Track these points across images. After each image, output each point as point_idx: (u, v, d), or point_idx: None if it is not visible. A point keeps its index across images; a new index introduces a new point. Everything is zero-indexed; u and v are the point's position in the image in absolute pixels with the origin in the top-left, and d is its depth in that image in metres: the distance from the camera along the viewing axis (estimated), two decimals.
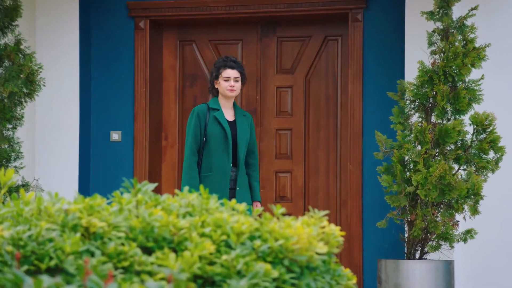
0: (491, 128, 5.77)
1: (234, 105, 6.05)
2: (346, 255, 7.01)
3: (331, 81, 7.33)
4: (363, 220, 7.07)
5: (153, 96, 7.52)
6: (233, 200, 2.90)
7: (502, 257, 6.53)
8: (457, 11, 5.92)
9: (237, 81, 5.98)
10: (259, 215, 6.04)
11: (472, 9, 5.80)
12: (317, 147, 7.32)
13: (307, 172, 7.33)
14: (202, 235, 2.60)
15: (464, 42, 5.78)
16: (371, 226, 6.94)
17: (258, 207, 5.87)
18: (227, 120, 5.96)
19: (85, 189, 7.39)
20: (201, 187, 2.84)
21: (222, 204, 2.75)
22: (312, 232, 2.63)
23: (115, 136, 7.48)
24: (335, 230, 2.76)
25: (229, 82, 5.96)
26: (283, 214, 2.81)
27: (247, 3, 7.31)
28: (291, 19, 7.38)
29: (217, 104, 5.97)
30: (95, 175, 7.47)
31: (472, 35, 5.79)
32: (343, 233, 2.87)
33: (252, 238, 2.62)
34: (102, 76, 7.52)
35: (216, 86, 6.02)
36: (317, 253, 2.67)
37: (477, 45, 5.82)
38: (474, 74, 5.85)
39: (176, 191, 2.85)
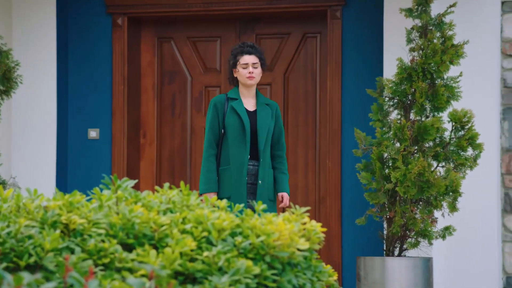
0: (469, 125, 5.78)
1: (257, 94, 5.70)
2: (325, 252, 7.02)
3: (310, 78, 7.33)
4: (342, 217, 7.07)
5: (131, 93, 7.49)
6: (214, 197, 2.89)
7: (480, 254, 6.56)
8: (435, 8, 5.93)
9: (256, 67, 5.63)
10: (283, 209, 5.67)
11: (451, 6, 5.81)
12: (296, 144, 7.32)
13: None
14: (183, 231, 2.58)
15: (443, 39, 5.79)
16: (350, 223, 6.94)
17: (284, 199, 5.58)
18: (247, 110, 5.62)
19: (62, 187, 7.34)
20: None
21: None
22: (293, 229, 2.63)
23: (93, 133, 7.44)
24: (316, 227, 2.75)
25: (248, 68, 5.61)
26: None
27: (226, 0, 7.29)
28: (269, 16, 7.37)
29: (236, 94, 5.65)
30: (73, 173, 7.42)
31: (450, 32, 5.80)
32: (324, 229, 2.86)
33: (233, 234, 2.61)
34: (79, 73, 7.47)
35: (235, 75, 5.68)
36: (299, 250, 2.66)
37: (455, 42, 5.83)
38: (453, 71, 5.86)
39: (157, 187, 2.83)
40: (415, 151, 5.78)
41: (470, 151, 5.80)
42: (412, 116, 5.84)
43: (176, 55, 7.57)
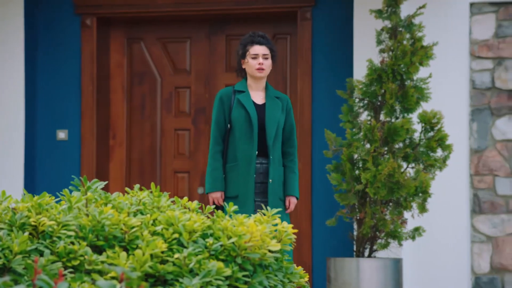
0: (438, 126, 5.81)
1: (267, 86, 5.33)
2: (296, 253, 7.02)
3: (280, 79, 7.33)
4: (312, 218, 7.07)
5: (101, 94, 7.44)
6: (185, 198, 2.87)
7: (450, 255, 6.60)
8: (405, 10, 5.96)
9: (267, 58, 5.25)
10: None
11: (420, 7, 5.83)
12: None
13: None
14: (154, 233, 2.56)
15: (412, 40, 5.82)
16: (321, 224, 6.95)
17: (291, 205, 5.26)
18: (255, 103, 5.25)
19: (30, 189, 7.27)
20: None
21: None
22: (265, 230, 2.62)
23: (62, 135, 7.38)
24: (287, 228, 2.74)
25: (257, 59, 5.22)
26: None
27: (196, 1, 7.27)
28: (240, 17, 7.36)
29: (243, 86, 5.27)
30: (41, 175, 7.36)
31: (420, 34, 5.83)
32: (296, 230, 2.85)
33: (204, 236, 2.59)
34: (48, 74, 7.41)
35: (243, 67, 5.30)
36: (270, 251, 2.65)
37: (425, 43, 5.86)
38: (422, 72, 5.89)
39: (127, 189, 2.80)
40: (385, 152, 5.80)
41: (439, 152, 5.83)
42: (382, 117, 5.85)
43: (146, 56, 7.53)
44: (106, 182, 2.81)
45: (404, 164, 5.83)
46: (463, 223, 6.63)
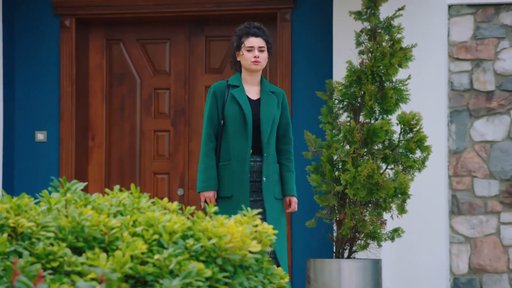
0: (417, 127, 5.83)
1: (262, 81, 5.10)
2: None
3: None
4: (292, 220, 7.08)
5: (80, 95, 7.41)
6: (165, 199, 2.86)
7: (429, 256, 6.62)
8: (384, 12, 5.97)
9: (262, 51, 5.04)
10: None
11: (399, 9, 5.86)
12: None
13: None
14: (134, 234, 2.56)
15: (391, 42, 5.84)
16: (300, 225, 6.96)
17: (292, 204, 5.10)
18: (249, 99, 5.03)
19: (9, 190, 7.23)
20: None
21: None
22: (245, 231, 2.61)
23: (40, 136, 7.35)
24: (268, 229, 2.74)
25: (253, 52, 5.00)
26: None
27: (175, 2, 7.26)
28: (219, 19, 7.35)
29: (237, 80, 5.04)
30: (20, 177, 7.32)
31: (399, 35, 5.85)
32: (276, 231, 2.85)
33: (184, 237, 2.59)
34: (26, 75, 7.37)
35: (238, 59, 5.07)
36: (250, 252, 2.65)
37: (404, 45, 5.88)
38: (401, 74, 5.91)
39: (107, 190, 2.80)
40: (365, 154, 5.81)
41: (418, 154, 5.85)
42: (361, 118, 5.87)
43: (125, 57, 7.51)
44: (86, 183, 2.81)
45: (383, 166, 5.85)
46: (441, 224, 6.66)
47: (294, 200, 5.13)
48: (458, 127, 6.76)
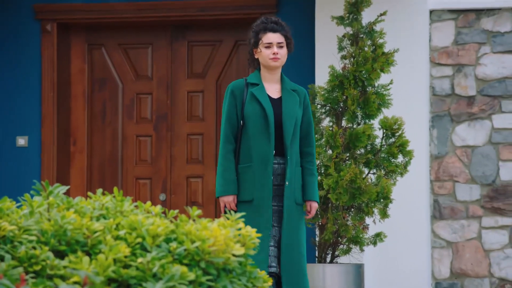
0: (399, 132, 5.85)
1: (282, 78, 4.83)
2: None
3: None
4: None
5: (61, 100, 7.38)
6: (148, 203, 2.85)
7: (411, 260, 6.64)
8: (366, 17, 5.99)
9: (281, 47, 4.76)
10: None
11: (381, 14, 5.88)
12: None
13: None
14: (117, 237, 2.55)
15: (374, 47, 5.86)
16: None
17: (312, 209, 4.79)
18: (270, 97, 4.75)
19: None
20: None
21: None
22: (228, 234, 2.61)
23: (22, 141, 7.31)
24: (251, 232, 2.74)
25: (271, 49, 4.74)
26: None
27: (157, 7, 7.26)
28: (201, 24, 7.35)
29: (257, 78, 4.76)
30: (1, 182, 7.27)
31: (381, 41, 5.87)
32: (259, 234, 2.85)
33: (168, 240, 2.58)
34: (7, 80, 7.33)
35: (256, 56, 4.79)
36: (234, 255, 2.65)
37: (386, 50, 5.90)
38: (384, 79, 5.93)
39: (90, 194, 2.78)
40: (347, 158, 5.82)
41: (400, 158, 5.86)
42: (344, 123, 5.88)
43: (107, 62, 7.49)
44: (68, 186, 2.79)
45: (366, 170, 5.86)
46: (423, 228, 6.67)
47: (315, 205, 4.80)
48: (440, 132, 6.79)
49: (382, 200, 5.79)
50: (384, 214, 5.81)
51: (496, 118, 6.74)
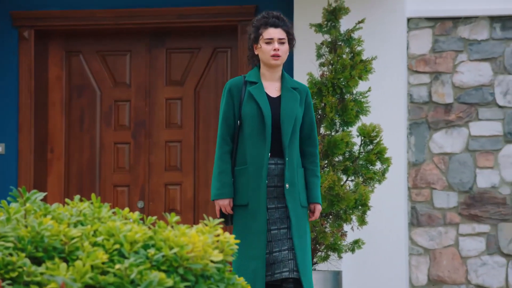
0: (377, 139, 5.87)
1: (283, 76, 4.60)
2: None
3: (221, 93, 7.33)
4: None
5: (39, 107, 7.35)
6: (126, 209, 2.84)
7: (388, 267, 6.65)
8: (344, 24, 6.02)
9: (283, 43, 4.53)
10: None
11: (359, 22, 5.90)
12: (207, 159, 7.30)
13: (197, 184, 7.30)
14: (95, 244, 2.54)
15: (352, 54, 5.88)
16: None
17: (316, 212, 4.57)
18: (269, 96, 4.53)
19: None
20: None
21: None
22: (207, 240, 2.61)
23: None
24: (229, 238, 2.74)
25: (272, 45, 4.50)
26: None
27: (136, 14, 7.25)
28: (180, 31, 7.35)
29: (256, 76, 4.55)
30: None
31: (359, 48, 5.89)
32: (238, 241, 2.85)
33: (146, 246, 2.57)
34: None
35: (256, 53, 4.56)
36: (212, 261, 2.64)
37: (364, 57, 5.92)
38: (362, 86, 5.95)
39: (67, 200, 2.77)
40: (325, 165, 5.84)
41: (378, 165, 5.88)
42: (322, 130, 5.89)
43: (85, 69, 7.47)
44: (46, 193, 2.78)
45: (344, 177, 5.87)
46: (401, 235, 6.70)
47: (319, 208, 4.59)
48: (417, 139, 6.82)
49: (360, 207, 5.81)
50: (362, 221, 5.83)
51: (473, 126, 6.78)
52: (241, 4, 7.17)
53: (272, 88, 4.57)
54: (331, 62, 5.86)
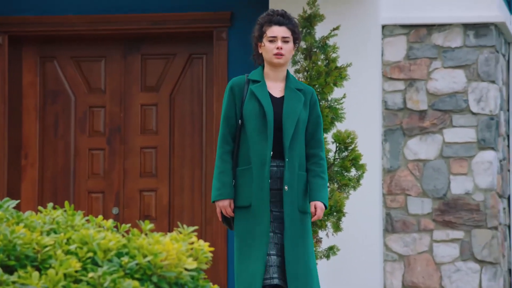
0: (352, 146, 5.88)
1: (288, 76, 4.47)
2: (211, 273, 7.00)
3: (196, 99, 7.33)
4: (227, 238, 7.07)
5: (12, 113, 7.31)
6: (100, 217, 2.83)
7: (363, 273, 6.67)
8: (319, 31, 6.03)
9: (287, 41, 4.39)
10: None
11: (334, 29, 5.92)
12: (182, 165, 7.29)
13: (172, 191, 7.29)
14: (68, 252, 2.52)
15: (327, 61, 5.89)
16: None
17: (318, 210, 4.33)
18: (272, 96, 4.40)
19: None
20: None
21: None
22: (181, 248, 2.60)
23: None
24: (204, 246, 2.73)
25: (276, 43, 4.37)
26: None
27: (111, 20, 7.23)
28: (155, 37, 7.34)
29: (259, 75, 4.42)
30: None
31: (334, 55, 5.90)
32: (212, 248, 2.84)
33: (119, 254, 2.56)
34: None
35: (260, 51, 4.43)
36: (186, 269, 2.64)
37: (339, 64, 5.94)
38: (337, 93, 5.96)
39: (40, 208, 2.75)
40: None
41: (353, 172, 5.90)
42: None
43: (60, 75, 7.43)
44: (18, 201, 2.76)
45: None
46: (376, 242, 6.72)
47: (320, 206, 4.35)
48: (392, 146, 6.85)
49: (335, 213, 5.82)
50: (337, 228, 5.83)
51: (447, 133, 6.82)
52: (216, 10, 7.17)
53: (276, 88, 4.43)
54: (306, 68, 5.87)
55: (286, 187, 4.32)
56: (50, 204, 2.78)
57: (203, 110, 7.30)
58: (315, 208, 4.37)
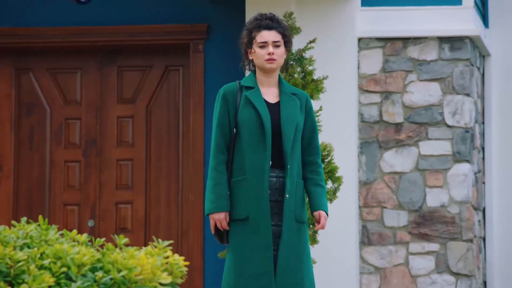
0: (329, 158, 5.89)
1: (280, 81, 4.31)
2: (188, 286, 6.97)
3: (173, 111, 7.32)
4: (204, 251, 7.05)
5: None
6: (74, 231, 2.81)
7: (339, 286, 6.67)
8: (296, 44, 6.04)
9: (278, 46, 4.23)
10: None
11: (311, 42, 5.94)
12: (159, 177, 7.27)
13: (148, 203, 7.26)
14: (41, 267, 2.50)
15: (303, 74, 5.91)
16: (213, 256, 6.93)
17: (322, 219, 4.20)
18: (267, 102, 4.23)
19: None
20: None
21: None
22: (156, 263, 2.59)
23: None
24: (179, 260, 2.72)
25: (266, 48, 4.21)
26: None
27: (86, 32, 7.21)
28: (131, 49, 7.33)
29: (252, 81, 4.26)
30: None
31: (310, 67, 5.92)
32: (187, 263, 2.84)
33: (94, 269, 2.54)
34: None
35: (250, 58, 4.29)
36: (161, 284, 2.63)
37: (315, 77, 5.96)
38: (313, 105, 5.97)
39: (13, 222, 2.73)
40: None
41: (330, 184, 5.91)
42: None
43: (35, 87, 7.40)
44: None
45: None
46: (352, 254, 6.73)
47: (324, 215, 4.21)
48: (368, 158, 6.87)
49: (311, 226, 5.82)
50: (313, 240, 5.84)
51: (422, 145, 6.85)
52: (193, 23, 7.18)
53: (270, 93, 4.26)
54: None
55: (287, 195, 4.12)
56: (24, 218, 2.76)
57: (180, 122, 7.29)
58: (320, 217, 4.22)
